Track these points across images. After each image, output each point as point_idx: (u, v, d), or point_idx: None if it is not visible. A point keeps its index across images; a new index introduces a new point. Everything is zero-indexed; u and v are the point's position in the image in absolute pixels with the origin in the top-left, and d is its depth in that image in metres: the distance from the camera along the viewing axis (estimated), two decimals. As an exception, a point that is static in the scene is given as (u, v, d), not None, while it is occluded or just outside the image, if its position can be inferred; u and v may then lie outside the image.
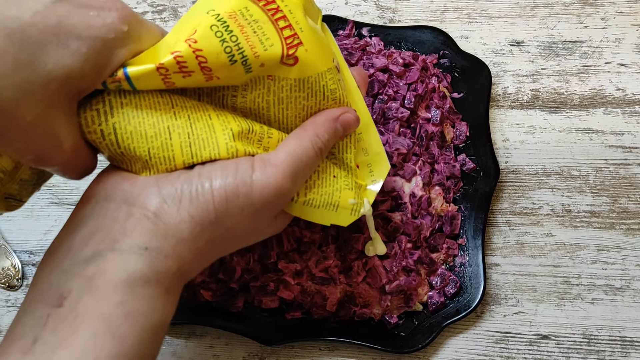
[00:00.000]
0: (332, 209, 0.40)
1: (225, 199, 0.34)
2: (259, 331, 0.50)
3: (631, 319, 0.49)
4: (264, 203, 0.35)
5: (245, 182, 0.34)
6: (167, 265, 0.32)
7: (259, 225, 0.37)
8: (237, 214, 0.35)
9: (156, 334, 0.32)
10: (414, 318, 0.50)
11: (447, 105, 0.56)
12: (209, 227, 0.34)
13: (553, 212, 0.53)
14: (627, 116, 0.56)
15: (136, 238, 0.32)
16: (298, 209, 0.39)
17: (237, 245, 0.39)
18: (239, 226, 0.35)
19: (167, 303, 0.33)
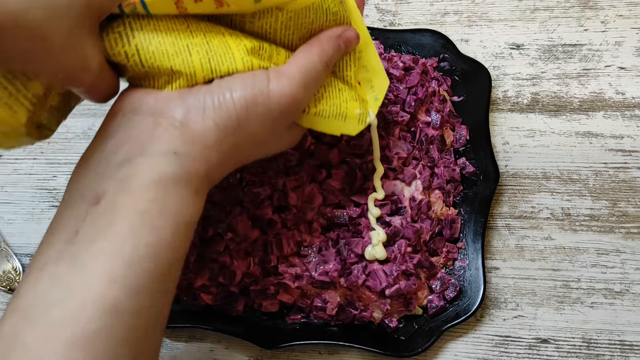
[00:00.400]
0: (340, 119, 0.43)
1: (245, 107, 0.36)
2: (259, 335, 0.50)
3: (630, 323, 0.49)
4: (280, 111, 0.38)
5: (263, 92, 0.37)
6: (196, 167, 0.35)
7: (276, 132, 0.40)
8: (257, 121, 0.37)
9: (187, 230, 0.35)
10: (413, 322, 0.50)
11: (447, 109, 0.56)
12: (232, 132, 0.36)
13: (553, 216, 0.53)
14: (627, 120, 0.56)
15: (165, 144, 0.34)
16: (310, 120, 0.42)
17: (258, 151, 0.42)
18: (259, 132, 0.38)
19: (196, 202, 0.35)
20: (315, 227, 0.50)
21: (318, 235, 0.50)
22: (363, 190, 0.51)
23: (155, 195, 0.33)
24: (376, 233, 0.49)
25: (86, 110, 0.65)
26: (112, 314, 0.30)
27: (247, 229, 0.51)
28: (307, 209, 0.51)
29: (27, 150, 0.64)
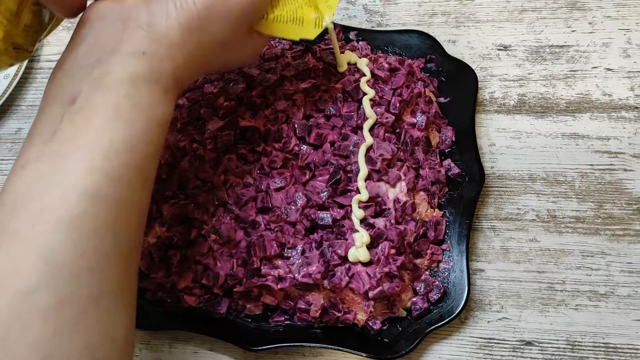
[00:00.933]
0: (298, 24, 0.46)
1: (206, 6, 0.39)
2: (242, 337, 0.50)
3: (615, 325, 0.48)
4: (239, 12, 0.40)
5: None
6: (164, 66, 0.38)
7: (238, 35, 0.43)
8: (218, 21, 0.40)
9: (159, 127, 0.37)
10: (397, 324, 0.50)
11: (433, 110, 0.56)
12: (196, 32, 0.39)
13: (538, 218, 0.53)
14: (614, 121, 0.56)
15: (134, 45, 0.37)
16: (269, 26, 0.45)
17: (222, 55, 0.43)
18: (221, 32, 0.41)
19: (166, 100, 0.38)
20: (299, 229, 0.50)
21: (302, 237, 0.50)
22: (347, 192, 0.51)
23: (128, 91, 0.35)
24: (360, 235, 0.49)
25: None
26: (95, 199, 0.32)
27: (231, 230, 0.51)
28: (290, 210, 0.50)
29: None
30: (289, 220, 0.50)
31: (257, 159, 0.53)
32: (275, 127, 0.54)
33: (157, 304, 0.53)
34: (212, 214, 0.52)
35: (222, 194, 0.52)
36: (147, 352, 0.53)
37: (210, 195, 0.52)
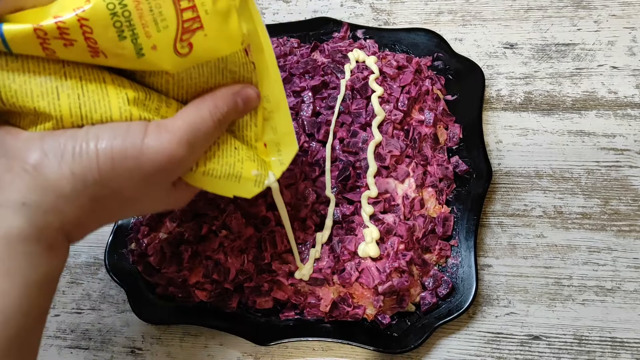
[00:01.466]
0: (234, 180, 0.40)
1: (111, 159, 0.33)
2: (253, 331, 0.51)
3: (622, 320, 0.49)
4: (155, 169, 0.34)
5: (135, 145, 0.33)
6: (48, 221, 0.32)
7: (152, 192, 0.36)
8: (125, 177, 0.33)
9: (41, 289, 0.31)
10: (406, 318, 0.50)
11: (440, 108, 0.56)
12: (92, 186, 0.33)
13: (545, 214, 0.54)
14: (619, 118, 0.57)
15: (14, 193, 0.31)
16: (198, 179, 0.39)
17: (130, 210, 0.38)
18: (128, 190, 0.34)
19: (51, 259, 0.32)
20: (309, 225, 0.51)
21: (311, 232, 0.51)
22: (356, 188, 0.52)
23: (1, 255, 0.30)
24: (369, 231, 0.49)
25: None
26: None
27: (241, 226, 0.51)
28: (300, 206, 0.51)
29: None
30: (299, 216, 0.51)
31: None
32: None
33: (168, 299, 0.53)
34: (222, 210, 0.52)
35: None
36: (158, 346, 0.53)
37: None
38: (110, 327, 0.55)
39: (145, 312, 0.53)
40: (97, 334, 0.55)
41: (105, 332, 0.55)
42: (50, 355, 0.54)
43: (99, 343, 0.54)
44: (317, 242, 0.50)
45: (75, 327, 0.55)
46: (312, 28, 0.65)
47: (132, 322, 0.55)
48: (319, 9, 0.68)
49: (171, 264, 0.52)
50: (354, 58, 0.57)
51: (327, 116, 0.54)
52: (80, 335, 0.55)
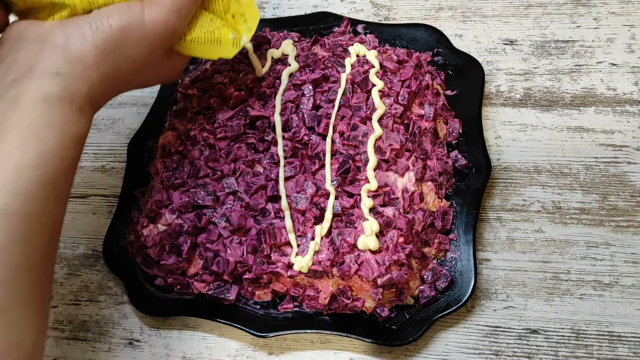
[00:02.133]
0: (215, 44, 0.48)
1: (122, 30, 0.40)
2: (251, 323, 0.51)
3: (619, 314, 0.49)
4: (155, 35, 0.42)
5: (137, 18, 0.41)
6: (78, 87, 0.39)
7: (155, 57, 0.44)
8: (135, 44, 0.41)
9: (74, 144, 0.38)
10: (405, 312, 0.50)
11: (440, 102, 0.57)
12: (111, 53, 0.41)
13: (543, 209, 0.54)
14: (618, 115, 0.57)
15: (49, 65, 0.38)
16: (187, 47, 0.47)
17: (140, 76, 0.45)
18: (138, 56, 0.42)
19: (81, 119, 0.39)
20: (309, 217, 0.51)
21: (311, 225, 0.51)
22: (356, 181, 0.52)
23: (42, 111, 0.37)
24: (369, 223, 0.49)
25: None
26: (3, 216, 0.33)
27: (241, 218, 0.51)
28: (300, 199, 0.51)
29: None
30: (298, 208, 0.51)
31: (266, 148, 0.54)
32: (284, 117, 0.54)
33: (166, 290, 0.53)
34: (222, 202, 0.52)
35: (232, 182, 0.53)
36: (156, 338, 0.53)
37: (220, 183, 0.53)
38: (108, 319, 0.55)
39: (143, 304, 0.53)
40: (95, 326, 0.55)
41: (103, 324, 0.55)
42: (47, 347, 0.54)
43: (96, 335, 0.54)
44: (317, 234, 0.50)
45: (73, 319, 0.55)
46: (312, 23, 0.65)
47: (130, 314, 0.55)
48: (319, 4, 0.68)
49: (170, 255, 0.52)
50: (354, 52, 0.58)
51: (328, 109, 0.54)
52: (78, 326, 0.55)
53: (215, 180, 0.53)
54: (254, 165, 0.54)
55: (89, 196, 0.61)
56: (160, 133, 0.58)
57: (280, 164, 0.53)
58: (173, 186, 0.54)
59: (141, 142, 0.60)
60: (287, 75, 0.57)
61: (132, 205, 0.57)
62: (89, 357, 0.53)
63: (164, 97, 0.62)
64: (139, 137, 0.61)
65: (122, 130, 0.64)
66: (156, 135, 0.59)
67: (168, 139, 0.57)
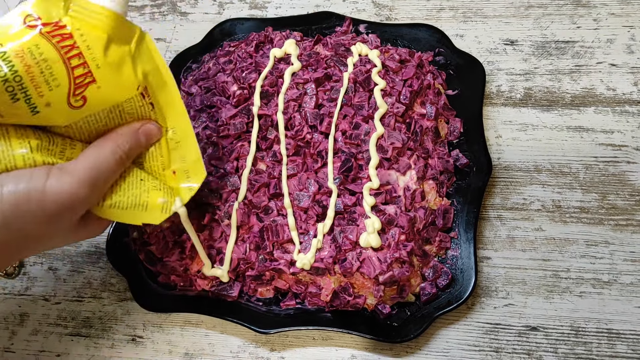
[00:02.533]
0: (141, 209, 0.43)
1: (15, 203, 0.36)
2: (253, 320, 0.51)
3: (618, 312, 0.50)
4: (57, 209, 0.37)
5: (38, 189, 0.36)
6: None
7: (59, 229, 0.39)
8: (29, 219, 0.37)
9: None
10: (406, 309, 0.51)
11: (441, 102, 0.57)
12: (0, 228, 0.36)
13: (543, 208, 0.54)
14: (617, 115, 0.58)
15: None
16: (106, 212, 0.42)
17: (40, 247, 0.41)
18: (33, 230, 0.37)
19: None
20: (311, 215, 0.51)
21: (313, 222, 0.51)
22: (358, 179, 0.52)
23: None
24: (371, 221, 0.50)
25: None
26: None
27: (244, 215, 0.51)
28: (303, 196, 0.51)
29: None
30: (301, 206, 0.51)
31: (269, 146, 0.54)
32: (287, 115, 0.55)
33: (169, 287, 0.53)
34: (225, 199, 0.53)
35: (235, 180, 0.53)
36: (159, 334, 0.54)
37: (224, 181, 0.53)
38: (111, 315, 0.55)
39: (146, 301, 0.53)
40: (98, 322, 0.55)
41: (106, 320, 0.55)
42: (51, 343, 0.54)
43: (99, 331, 0.55)
44: (319, 232, 0.50)
45: (76, 315, 0.55)
46: (314, 22, 0.65)
47: (133, 310, 0.55)
48: (321, 4, 0.69)
49: (173, 252, 0.52)
50: (356, 51, 0.58)
51: (330, 108, 0.55)
52: (81, 323, 0.55)
53: (218, 178, 0.54)
54: (256, 163, 0.54)
55: (92, 193, 0.61)
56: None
57: (283, 162, 0.53)
58: (176, 184, 0.54)
59: (144, 140, 0.61)
60: (289, 74, 0.57)
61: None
62: (92, 353, 0.54)
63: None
64: (142, 135, 0.61)
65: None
66: (159, 133, 0.59)
67: (171, 137, 0.57)
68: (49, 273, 0.58)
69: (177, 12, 0.71)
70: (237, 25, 0.66)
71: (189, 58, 0.64)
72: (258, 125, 0.55)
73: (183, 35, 0.69)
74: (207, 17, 0.70)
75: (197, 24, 0.70)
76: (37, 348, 0.54)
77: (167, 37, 0.70)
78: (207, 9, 0.71)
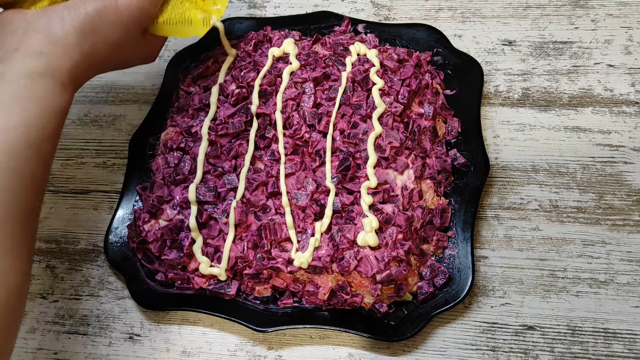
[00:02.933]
0: (187, 24, 0.52)
1: (98, 11, 0.46)
2: (251, 318, 0.51)
3: (614, 312, 0.50)
4: (129, 16, 0.47)
5: (111, 2, 0.46)
6: (60, 64, 0.44)
7: (131, 38, 0.49)
8: (109, 24, 0.46)
9: (55, 114, 0.43)
10: (403, 307, 0.51)
11: (439, 102, 0.57)
12: (89, 34, 0.46)
13: (541, 208, 0.55)
14: (615, 115, 0.58)
15: (33, 45, 0.43)
16: (161, 28, 0.52)
17: (118, 55, 0.50)
18: (114, 35, 0.47)
19: (63, 94, 0.44)
20: (309, 214, 0.51)
21: (311, 221, 0.51)
22: (356, 178, 0.52)
23: (25, 84, 0.41)
24: (369, 220, 0.50)
25: (82, 97, 0.66)
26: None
27: (242, 214, 0.52)
28: (301, 195, 0.51)
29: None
30: (299, 205, 0.51)
31: (267, 145, 0.55)
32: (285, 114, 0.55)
33: (167, 285, 0.54)
34: (223, 198, 0.53)
35: (233, 179, 0.53)
36: (157, 332, 0.54)
37: (222, 179, 0.53)
38: (109, 313, 0.55)
39: (144, 299, 0.53)
40: (96, 320, 0.55)
41: (103, 318, 0.55)
42: (48, 340, 0.54)
43: (97, 329, 0.55)
44: (317, 230, 0.50)
45: (74, 313, 0.56)
46: (313, 22, 0.65)
47: (131, 309, 0.55)
48: (319, 3, 0.69)
49: (171, 250, 0.52)
50: (355, 51, 0.58)
51: (328, 107, 0.55)
52: (79, 321, 0.55)
53: (216, 176, 0.54)
54: (254, 161, 0.54)
55: (90, 192, 0.61)
56: (162, 130, 0.59)
57: (281, 161, 0.53)
58: (174, 182, 0.54)
59: (142, 139, 0.61)
60: (288, 74, 0.57)
61: (133, 201, 0.57)
62: (90, 351, 0.54)
63: (166, 94, 0.63)
64: (140, 133, 0.61)
65: (124, 127, 0.64)
66: (157, 131, 0.60)
67: (169, 135, 0.57)
68: (47, 271, 0.58)
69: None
70: (236, 25, 0.66)
71: (188, 57, 0.64)
72: (256, 124, 0.55)
73: (182, 34, 0.69)
74: (206, 16, 0.71)
75: (196, 23, 0.70)
76: (35, 346, 0.54)
77: (166, 36, 0.70)
78: (206, 8, 0.71)
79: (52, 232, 0.60)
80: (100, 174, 0.62)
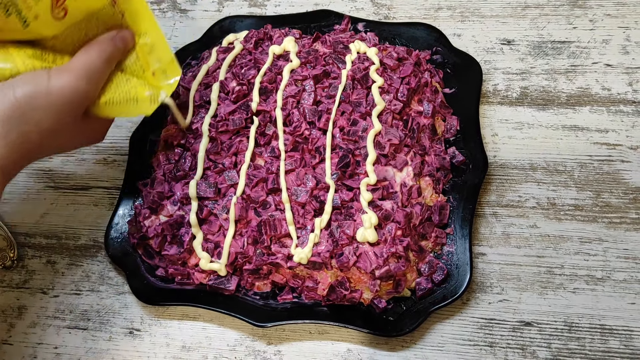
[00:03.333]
0: (133, 103, 0.49)
1: (27, 97, 0.42)
2: (250, 313, 0.51)
3: (611, 308, 0.50)
4: (63, 102, 0.43)
5: (43, 86, 0.42)
6: None
7: (67, 124, 0.45)
8: (42, 111, 0.43)
9: None
10: (402, 303, 0.51)
11: (438, 100, 0.58)
12: (18, 122, 0.42)
13: (538, 205, 0.55)
14: (612, 115, 0.58)
15: None
16: (103, 109, 0.48)
17: (53, 144, 0.46)
18: (46, 122, 0.43)
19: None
20: (308, 210, 0.52)
21: (311, 217, 0.52)
22: (356, 175, 0.53)
23: None
24: (368, 216, 0.50)
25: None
26: None
27: (242, 210, 0.52)
28: (300, 191, 0.52)
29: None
30: (298, 201, 0.52)
31: (267, 142, 0.55)
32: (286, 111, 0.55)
33: (167, 280, 0.54)
34: (223, 194, 0.53)
35: (233, 175, 0.53)
36: (157, 327, 0.54)
37: (222, 176, 0.54)
38: (109, 308, 0.55)
39: (144, 294, 0.53)
40: (96, 315, 0.55)
41: (104, 313, 0.55)
42: (48, 335, 0.55)
43: (97, 324, 0.55)
44: (316, 226, 0.51)
45: (74, 308, 0.56)
46: (313, 20, 0.66)
47: (131, 304, 0.55)
48: (320, 2, 0.69)
49: (171, 246, 0.53)
50: (355, 49, 0.59)
51: (328, 105, 0.55)
52: (79, 315, 0.55)
53: (216, 172, 0.54)
54: (255, 158, 0.54)
55: (90, 188, 0.61)
56: (162, 127, 0.59)
57: (281, 157, 0.54)
58: (175, 178, 0.55)
59: (143, 136, 0.61)
60: (288, 71, 0.58)
61: (133, 197, 0.58)
62: (90, 346, 0.54)
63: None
64: (140, 130, 0.61)
65: (124, 124, 0.65)
66: (158, 129, 0.60)
67: (170, 132, 0.58)
68: (48, 266, 0.58)
69: (177, 9, 0.72)
70: (237, 23, 0.66)
71: (189, 55, 0.65)
72: (257, 121, 0.56)
73: (183, 32, 0.70)
74: (207, 14, 0.71)
75: (196, 21, 0.71)
76: (35, 341, 0.55)
77: (167, 33, 0.70)
78: (207, 6, 0.72)
79: (52, 228, 0.60)
80: (101, 171, 0.62)
